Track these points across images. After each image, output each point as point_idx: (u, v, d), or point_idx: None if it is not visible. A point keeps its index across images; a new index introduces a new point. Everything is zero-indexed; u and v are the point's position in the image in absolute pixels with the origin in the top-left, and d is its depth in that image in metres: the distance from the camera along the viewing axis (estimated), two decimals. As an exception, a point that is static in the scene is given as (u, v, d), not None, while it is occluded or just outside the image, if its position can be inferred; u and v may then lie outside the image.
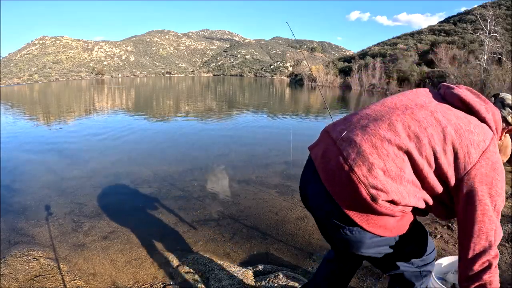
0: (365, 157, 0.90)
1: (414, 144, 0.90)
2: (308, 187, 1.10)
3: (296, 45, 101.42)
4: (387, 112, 0.97)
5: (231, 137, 7.65)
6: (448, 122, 0.91)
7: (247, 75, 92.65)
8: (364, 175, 0.89)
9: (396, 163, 0.89)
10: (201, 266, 2.33)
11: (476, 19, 26.68)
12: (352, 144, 0.93)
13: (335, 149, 0.97)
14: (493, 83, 13.45)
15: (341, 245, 1.07)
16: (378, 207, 0.90)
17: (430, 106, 0.96)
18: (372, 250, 1.03)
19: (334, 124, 1.11)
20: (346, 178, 0.91)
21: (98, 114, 11.82)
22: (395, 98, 1.05)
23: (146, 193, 3.91)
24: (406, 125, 0.92)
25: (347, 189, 0.92)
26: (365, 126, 0.96)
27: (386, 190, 0.88)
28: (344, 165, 0.92)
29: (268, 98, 22.20)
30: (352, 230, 0.97)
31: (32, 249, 2.55)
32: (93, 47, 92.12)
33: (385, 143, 0.90)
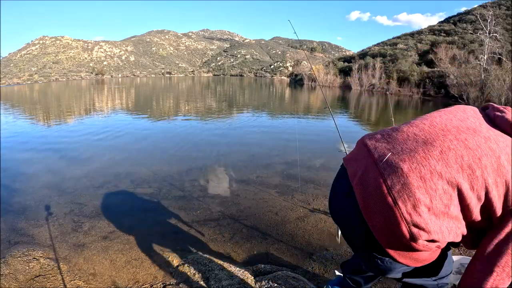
0: (411, 191, 0.81)
1: (467, 177, 0.81)
2: (339, 206, 1.05)
3: (296, 45, 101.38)
4: (438, 136, 0.88)
5: (231, 137, 7.65)
6: (501, 151, 0.83)
7: (247, 75, 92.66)
8: (408, 212, 0.81)
9: (443, 200, 0.82)
10: (201, 266, 2.33)
11: (476, 19, 26.69)
12: (398, 173, 0.84)
13: (377, 174, 0.87)
14: (493, 83, 13.44)
15: (369, 268, 1.05)
16: (416, 245, 0.84)
17: (482, 131, 0.87)
18: (399, 274, 1.02)
19: (375, 138, 1.00)
20: (387, 212, 0.83)
21: (98, 114, 11.82)
22: (444, 117, 0.95)
23: (146, 193, 3.91)
24: (460, 154, 0.83)
25: (386, 223, 0.84)
26: (413, 151, 0.86)
27: (429, 230, 0.82)
28: (388, 197, 0.83)
29: (268, 98, 22.21)
30: (384, 260, 0.94)
31: (32, 249, 2.55)
32: (93, 47, 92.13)
33: (434, 177, 0.82)
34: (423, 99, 20.10)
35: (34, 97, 21.86)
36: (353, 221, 0.95)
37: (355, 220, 0.94)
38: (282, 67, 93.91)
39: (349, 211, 0.96)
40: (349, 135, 7.83)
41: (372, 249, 0.93)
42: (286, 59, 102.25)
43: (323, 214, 3.31)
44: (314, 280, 2.23)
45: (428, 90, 22.04)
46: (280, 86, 38.77)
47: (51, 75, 64.20)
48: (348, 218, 0.99)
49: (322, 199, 3.70)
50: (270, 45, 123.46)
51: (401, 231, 0.82)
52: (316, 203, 3.59)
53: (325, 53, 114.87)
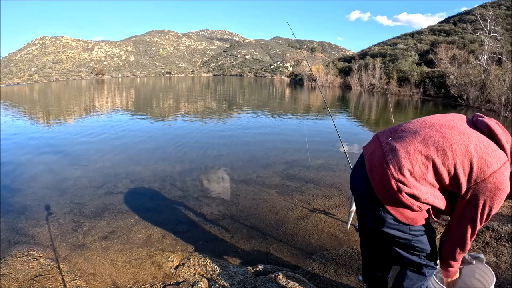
0: (399, 159, 1.19)
1: (440, 155, 1.15)
2: (355, 175, 1.44)
3: (296, 45, 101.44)
4: (424, 128, 1.24)
5: (231, 137, 7.65)
6: (471, 142, 1.14)
7: (247, 75, 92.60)
8: (396, 172, 1.18)
9: (421, 168, 1.16)
10: (201, 266, 2.33)
11: (476, 19, 26.68)
12: (392, 148, 1.23)
13: (380, 150, 1.28)
14: (493, 83, 13.43)
15: (370, 221, 1.35)
16: (401, 197, 1.18)
17: (460, 128, 1.20)
18: (391, 230, 1.29)
19: (384, 131, 1.38)
20: (383, 172, 1.21)
21: (98, 114, 11.82)
22: (435, 118, 1.29)
23: (146, 193, 3.91)
24: (436, 140, 1.17)
25: (382, 180, 1.21)
26: (405, 137, 1.25)
27: (409, 185, 1.16)
28: (383, 163, 1.22)
29: (268, 98, 22.21)
30: (379, 210, 1.27)
31: (32, 249, 2.55)
32: (93, 47, 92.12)
33: (416, 152, 1.18)
34: (423, 99, 20.09)
35: (34, 97, 21.86)
36: (362, 184, 1.33)
37: (364, 183, 1.32)
38: (282, 67, 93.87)
39: (361, 176, 1.36)
40: (349, 135, 7.84)
41: (374, 203, 1.28)
42: (286, 59, 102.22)
43: (323, 214, 3.31)
44: (314, 280, 2.23)
45: (428, 90, 22.04)
46: (280, 86, 38.77)
47: (51, 75, 64.20)
48: (360, 181, 1.37)
49: (322, 199, 3.70)
50: (270, 45, 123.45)
51: (391, 184, 1.19)
52: (316, 203, 3.59)
53: (325, 53, 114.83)
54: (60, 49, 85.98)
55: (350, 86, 29.87)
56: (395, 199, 1.20)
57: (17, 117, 10.96)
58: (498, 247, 2.51)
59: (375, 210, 1.28)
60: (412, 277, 1.40)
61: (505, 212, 3.13)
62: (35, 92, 26.86)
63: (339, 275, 2.29)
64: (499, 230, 2.72)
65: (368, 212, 1.34)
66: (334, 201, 3.64)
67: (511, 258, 2.37)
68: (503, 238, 2.65)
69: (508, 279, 2.12)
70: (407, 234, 1.30)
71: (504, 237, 2.66)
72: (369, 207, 1.32)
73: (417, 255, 1.36)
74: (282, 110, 14.26)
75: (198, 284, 2.13)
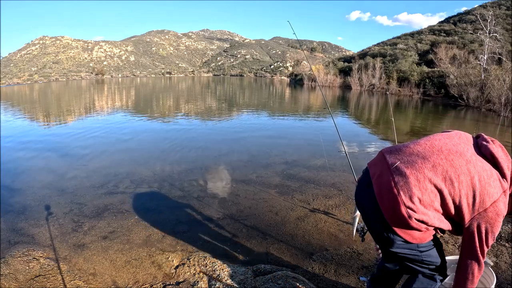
0: (410, 187, 1.22)
1: (447, 186, 1.20)
2: (361, 194, 1.44)
3: (297, 45, 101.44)
4: (433, 154, 1.26)
5: (231, 137, 7.65)
6: (476, 173, 1.20)
7: (247, 75, 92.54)
8: (406, 199, 1.21)
9: (430, 196, 1.21)
10: (201, 266, 2.33)
11: (476, 19, 26.66)
12: (403, 175, 1.24)
13: (389, 174, 1.28)
14: (493, 83, 13.41)
15: (379, 241, 1.39)
16: (411, 222, 1.22)
17: (467, 156, 1.24)
18: (400, 249, 1.33)
19: (390, 151, 1.38)
20: (393, 198, 1.23)
21: (98, 114, 11.82)
22: (442, 141, 1.31)
23: (146, 193, 3.91)
24: (445, 169, 1.21)
25: (392, 205, 1.24)
26: (414, 162, 1.26)
27: (418, 212, 1.21)
28: (393, 189, 1.24)
29: (268, 98, 22.20)
30: (389, 233, 1.30)
31: (32, 249, 2.55)
32: (93, 47, 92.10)
33: (426, 180, 1.21)
34: (423, 99, 20.08)
35: (34, 97, 21.86)
36: (370, 205, 1.35)
37: (372, 204, 1.34)
38: (282, 67, 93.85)
39: (368, 197, 1.36)
40: (350, 135, 7.83)
41: (383, 225, 1.30)
42: (286, 59, 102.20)
43: (323, 214, 3.31)
44: (314, 280, 2.23)
45: (428, 90, 22.03)
46: (280, 86, 38.76)
47: (51, 75, 64.18)
48: (368, 202, 1.37)
49: (322, 199, 3.70)
50: (270, 45, 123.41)
51: (401, 211, 1.22)
52: (316, 203, 3.59)
53: (325, 53, 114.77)
54: (60, 49, 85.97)
55: (350, 86, 29.86)
56: (404, 223, 1.24)
57: (17, 117, 10.96)
58: (498, 247, 2.51)
59: (383, 232, 1.32)
60: (423, 281, 1.44)
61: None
62: (35, 92, 26.86)
63: (339, 275, 2.29)
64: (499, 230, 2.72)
65: (375, 233, 1.39)
66: (334, 201, 3.64)
67: (511, 258, 2.37)
68: (503, 238, 2.65)
69: (508, 279, 2.12)
70: (416, 251, 1.34)
71: (504, 237, 2.66)
72: (376, 228, 1.36)
73: (427, 268, 1.41)
74: (282, 110, 14.26)
75: (198, 284, 2.13)
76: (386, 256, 1.58)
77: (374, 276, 1.72)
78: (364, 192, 1.41)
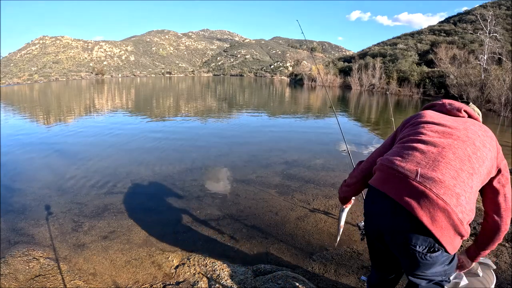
0: (451, 189, 1.09)
1: (474, 161, 1.15)
2: (384, 219, 1.22)
3: (297, 45, 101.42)
4: (442, 143, 1.19)
5: (231, 137, 7.65)
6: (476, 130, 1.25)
7: (247, 75, 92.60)
8: (455, 205, 1.07)
9: (469, 184, 1.12)
10: (201, 266, 2.33)
11: (476, 19, 26.66)
12: (437, 181, 1.10)
13: (421, 188, 1.10)
14: (493, 83, 13.42)
15: (413, 267, 1.22)
16: (462, 228, 1.09)
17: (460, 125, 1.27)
18: (434, 269, 1.21)
19: (397, 160, 1.21)
20: (445, 213, 1.07)
21: (98, 114, 11.82)
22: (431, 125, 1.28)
23: (146, 193, 3.91)
24: (464, 148, 1.17)
25: (448, 221, 1.08)
26: (436, 161, 1.14)
27: (468, 212, 1.10)
28: (439, 201, 1.07)
29: (268, 98, 22.20)
30: (432, 256, 1.15)
31: (32, 249, 2.55)
32: (93, 47, 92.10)
33: (458, 172, 1.12)
34: (423, 99, 20.09)
35: (34, 97, 21.85)
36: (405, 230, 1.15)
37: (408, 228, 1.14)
38: (282, 67, 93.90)
39: (399, 224, 1.16)
40: (350, 135, 7.83)
41: (425, 249, 1.14)
42: (286, 59, 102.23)
43: (323, 214, 3.31)
44: (314, 280, 2.23)
45: (428, 90, 22.03)
46: (280, 86, 38.75)
47: (51, 75, 64.19)
48: (398, 229, 1.17)
49: (322, 199, 3.70)
50: (270, 45, 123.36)
51: (454, 220, 1.07)
52: (316, 203, 3.59)
53: (325, 53, 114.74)
54: (60, 49, 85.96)
55: (350, 86, 29.87)
56: (456, 233, 1.11)
57: (17, 116, 10.96)
58: (498, 247, 2.51)
59: (426, 256, 1.15)
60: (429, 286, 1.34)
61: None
62: (35, 92, 26.86)
63: (339, 275, 2.29)
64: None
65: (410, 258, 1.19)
66: (334, 201, 3.63)
67: (511, 258, 2.37)
68: (503, 238, 2.65)
69: (508, 279, 2.12)
70: (444, 265, 1.23)
71: (504, 237, 2.66)
72: (413, 254, 1.17)
73: (442, 276, 1.30)
74: (282, 110, 14.25)
75: (198, 284, 2.13)
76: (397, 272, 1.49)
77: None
78: (391, 219, 1.19)
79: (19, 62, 77.27)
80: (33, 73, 63.68)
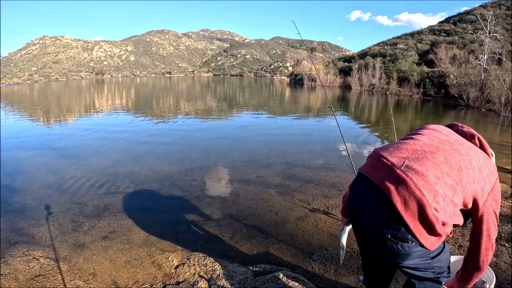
0: (431, 186, 1.11)
1: (464, 175, 1.16)
2: (364, 206, 1.26)
3: (297, 44, 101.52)
4: (438, 147, 1.21)
5: (231, 137, 7.65)
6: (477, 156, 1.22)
7: (247, 75, 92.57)
8: (431, 200, 1.10)
9: (450, 191, 1.14)
10: (201, 266, 2.33)
11: (476, 19, 26.65)
12: (419, 173, 1.13)
13: (403, 175, 1.14)
14: (493, 83, 13.41)
15: (387, 256, 1.25)
16: (436, 226, 1.11)
17: (464, 142, 1.26)
18: (412, 261, 1.23)
19: (388, 151, 1.26)
20: (419, 202, 1.10)
21: (98, 114, 11.81)
22: (435, 133, 1.29)
23: (146, 193, 3.91)
24: (457, 159, 1.17)
25: (419, 211, 1.11)
26: (425, 158, 1.17)
27: (444, 212, 1.12)
28: (416, 191, 1.10)
29: (268, 98, 22.20)
30: (404, 245, 1.17)
31: (32, 249, 2.55)
32: (93, 47, 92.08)
33: (445, 175, 1.13)
34: (423, 99, 20.08)
35: (34, 97, 21.85)
36: (378, 217, 1.19)
37: (381, 216, 1.18)
38: (282, 67, 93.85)
39: (376, 208, 1.20)
40: (350, 135, 7.83)
41: (396, 238, 1.17)
42: (286, 59, 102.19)
43: (323, 214, 3.31)
44: (314, 280, 2.23)
45: (428, 90, 22.02)
46: (280, 86, 38.74)
47: (51, 75, 64.18)
48: (374, 214, 1.21)
49: (322, 199, 3.70)
50: (270, 45, 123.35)
51: (428, 215, 1.09)
52: (316, 203, 3.59)
53: (325, 53, 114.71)
54: (60, 49, 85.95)
55: (350, 86, 29.85)
56: (429, 229, 1.13)
57: (17, 116, 10.96)
58: (498, 247, 2.51)
59: (396, 245, 1.18)
60: (427, 285, 1.37)
61: (505, 212, 3.13)
62: (35, 92, 26.85)
63: (339, 275, 2.29)
64: (499, 230, 2.72)
65: (383, 248, 1.23)
66: (334, 201, 3.64)
67: (511, 258, 2.37)
68: (503, 238, 2.65)
69: (508, 279, 2.12)
70: (427, 258, 1.26)
71: (504, 237, 2.66)
72: (384, 243, 1.20)
73: (433, 272, 1.33)
74: (282, 110, 14.25)
75: (198, 284, 2.13)
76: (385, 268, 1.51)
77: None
78: (368, 203, 1.23)
79: (19, 62, 77.26)
80: (33, 73, 63.66)
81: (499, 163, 5.26)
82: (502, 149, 6.28)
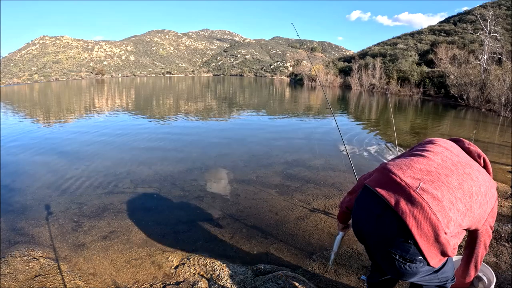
0: (446, 211, 1.13)
1: (475, 201, 1.19)
2: (372, 223, 1.24)
3: (297, 44, 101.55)
4: (451, 170, 1.22)
5: (231, 137, 7.65)
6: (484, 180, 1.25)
7: (247, 75, 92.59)
8: (445, 225, 1.12)
9: (461, 216, 1.16)
10: (201, 266, 2.33)
11: (476, 19, 26.66)
12: (435, 198, 1.14)
13: (419, 198, 1.14)
14: (493, 83, 13.41)
15: (394, 275, 1.26)
16: (447, 249, 1.14)
17: (474, 165, 1.28)
18: (417, 278, 1.26)
19: (401, 169, 1.24)
20: (434, 227, 1.11)
21: (98, 114, 11.81)
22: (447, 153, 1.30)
23: (146, 193, 3.91)
24: (470, 185, 1.20)
25: (433, 235, 1.12)
26: (439, 181, 1.18)
27: (452, 235, 1.15)
28: (432, 216, 1.11)
29: (269, 98, 22.20)
30: (411, 266, 1.18)
31: (32, 249, 2.55)
32: (93, 47, 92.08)
33: (458, 202, 1.16)
34: (423, 99, 20.08)
35: (34, 97, 21.85)
36: (389, 236, 1.18)
37: (392, 235, 1.17)
38: (282, 67, 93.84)
39: (384, 228, 1.19)
40: (350, 135, 7.83)
41: (404, 258, 1.17)
42: (286, 59, 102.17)
43: (323, 214, 3.31)
44: (314, 280, 2.23)
45: (428, 90, 22.03)
46: (280, 86, 38.74)
47: (51, 75, 64.17)
48: (381, 233, 1.21)
49: (322, 199, 3.70)
50: (270, 45, 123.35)
51: (440, 239, 1.12)
52: (316, 203, 3.59)
53: (325, 53, 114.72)
54: (60, 49, 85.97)
55: (350, 86, 29.87)
56: (441, 251, 1.15)
57: (17, 116, 10.95)
58: (498, 247, 2.51)
59: (404, 264, 1.18)
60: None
61: (505, 212, 3.13)
62: (35, 92, 26.85)
63: (339, 275, 2.29)
64: (499, 230, 2.72)
65: (391, 266, 1.22)
66: (334, 201, 3.64)
67: (511, 258, 2.37)
68: (503, 238, 2.65)
69: (508, 279, 2.12)
70: (432, 274, 1.29)
71: (504, 237, 2.66)
72: (392, 261, 1.20)
73: (439, 281, 1.36)
74: (282, 110, 14.25)
75: (198, 284, 2.13)
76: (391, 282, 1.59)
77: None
78: (377, 222, 1.22)
79: (19, 62, 77.26)
80: (33, 73, 63.67)
81: (499, 163, 5.26)
82: (502, 149, 6.28)
